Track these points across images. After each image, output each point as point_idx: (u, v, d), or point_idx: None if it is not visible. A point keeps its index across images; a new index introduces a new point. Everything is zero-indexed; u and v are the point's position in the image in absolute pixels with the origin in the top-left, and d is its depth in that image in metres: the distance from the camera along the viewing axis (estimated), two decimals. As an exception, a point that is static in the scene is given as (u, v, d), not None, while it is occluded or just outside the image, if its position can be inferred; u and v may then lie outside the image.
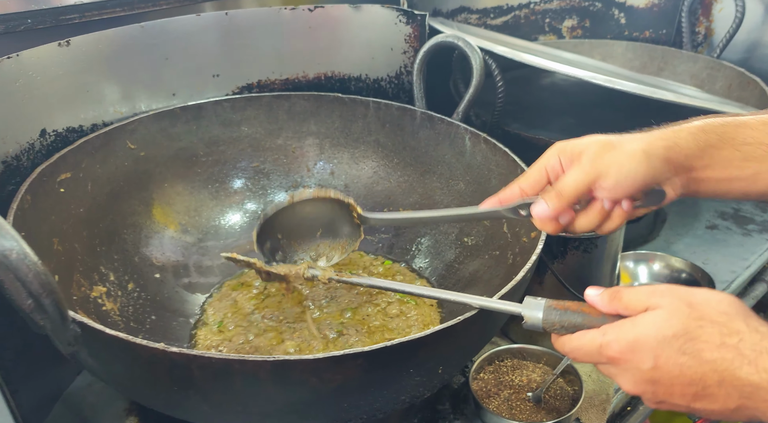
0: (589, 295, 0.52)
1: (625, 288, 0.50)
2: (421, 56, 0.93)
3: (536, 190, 0.61)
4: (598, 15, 1.36)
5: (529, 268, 0.61)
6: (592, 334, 0.49)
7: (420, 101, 0.96)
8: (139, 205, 0.86)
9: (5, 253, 0.42)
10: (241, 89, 0.95)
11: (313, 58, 0.97)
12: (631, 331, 0.47)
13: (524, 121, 1.11)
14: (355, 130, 0.99)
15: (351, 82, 1.01)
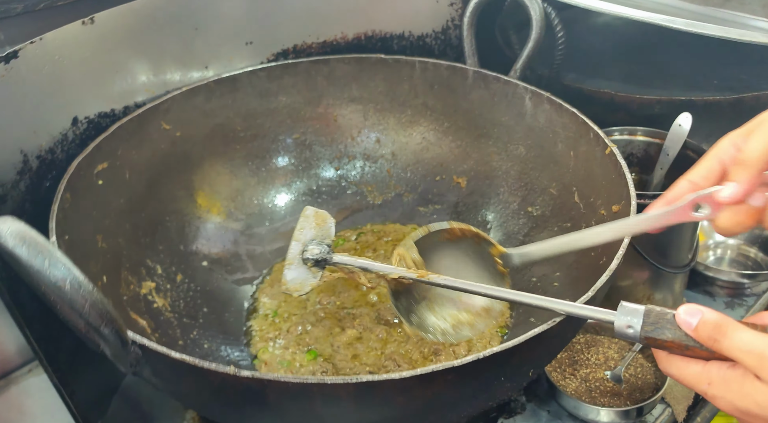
0: (683, 322, 0.42)
1: (732, 324, 0.41)
2: (472, 8, 0.84)
3: (711, 183, 0.49)
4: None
5: (614, 270, 0.54)
6: (695, 373, 0.42)
7: (471, 58, 0.87)
8: (180, 190, 0.81)
9: (58, 284, 0.38)
10: (277, 56, 0.88)
11: (351, 16, 0.89)
12: (742, 400, 0.40)
13: (581, 70, 1.01)
14: (400, 94, 0.91)
15: (393, 41, 0.93)
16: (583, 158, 0.74)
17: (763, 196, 0.46)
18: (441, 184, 0.91)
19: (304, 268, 0.61)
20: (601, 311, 0.46)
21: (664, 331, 0.43)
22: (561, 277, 0.72)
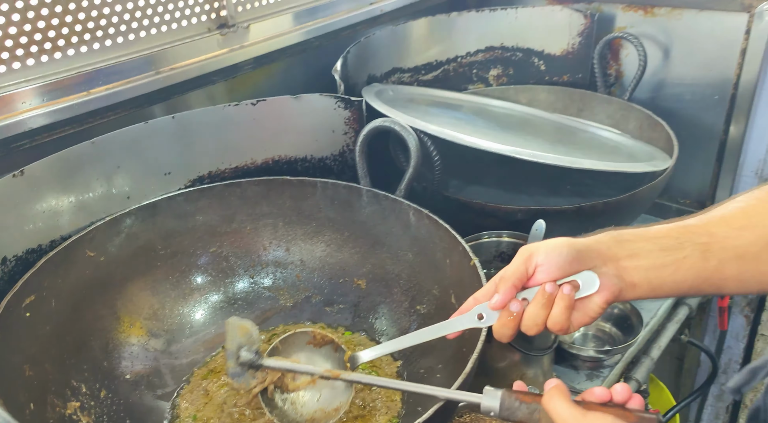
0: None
1: (558, 397, 0.56)
2: (361, 139, 0.99)
3: (489, 297, 0.65)
4: (519, 63, 1.47)
5: (475, 359, 0.68)
6: None
7: (364, 179, 1.02)
8: (103, 310, 0.89)
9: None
10: (193, 182, 0.99)
11: (260, 145, 1.02)
12: None
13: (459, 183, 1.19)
14: (305, 208, 1.04)
15: (298, 163, 1.07)
16: (456, 266, 0.89)
17: (519, 303, 0.63)
18: (344, 286, 1.04)
19: (241, 370, 0.71)
20: (471, 395, 0.60)
21: (516, 411, 0.58)
22: (442, 368, 0.85)
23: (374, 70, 1.28)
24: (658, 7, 1.29)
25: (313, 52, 1.18)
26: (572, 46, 1.42)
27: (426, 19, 1.35)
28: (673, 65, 1.33)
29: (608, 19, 1.38)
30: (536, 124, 1.35)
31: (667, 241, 0.62)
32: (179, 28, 0.96)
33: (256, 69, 1.09)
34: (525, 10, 1.41)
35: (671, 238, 0.62)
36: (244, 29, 1.03)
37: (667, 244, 0.62)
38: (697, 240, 0.62)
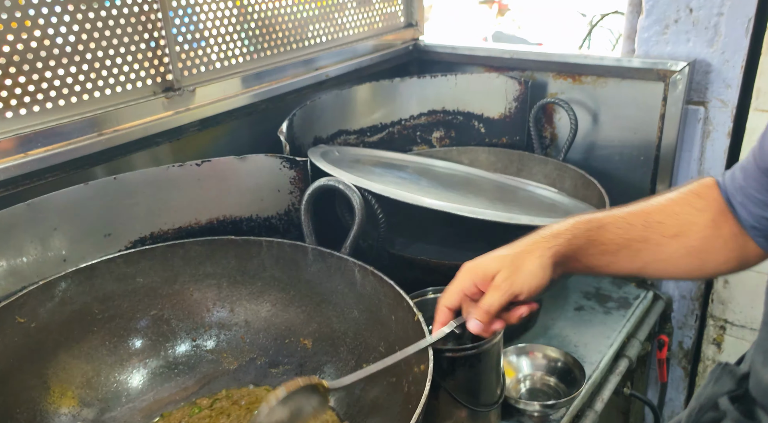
0: None
1: None
2: (306, 198, 1.01)
3: (458, 306, 0.78)
4: (461, 126, 1.54)
5: (419, 414, 0.68)
6: None
7: (310, 237, 1.03)
8: (32, 379, 0.85)
9: None
10: (134, 243, 0.98)
11: (204, 206, 1.02)
12: None
13: (404, 240, 1.22)
14: (250, 268, 1.04)
15: (243, 223, 1.07)
16: (401, 322, 0.90)
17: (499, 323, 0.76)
18: (289, 346, 1.02)
19: None
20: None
21: None
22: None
23: (320, 132, 1.32)
24: (584, 76, 1.39)
25: (260, 115, 1.21)
26: (509, 111, 1.51)
27: (370, 84, 1.41)
28: (602, 128, 1.43)
29: (541, 85, 1.47)
30: (478, 183, 1.41)
31: (609, 247, 0.77)
32: (124, 91, 0.97)
33: (201, 131, 1.10)
34: (464, 76, 1.49)
35: (613, 245, 0.77)
36: (189, 92, 1.05)
37: (608, 249, 0.77)
38: (633, 246, 0.76)
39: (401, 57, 1.56)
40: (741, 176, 0.76)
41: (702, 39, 1.22)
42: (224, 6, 1.10)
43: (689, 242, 0.76)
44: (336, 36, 1.39)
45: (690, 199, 0.78)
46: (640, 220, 0.77)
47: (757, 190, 0.73)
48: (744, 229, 0.76)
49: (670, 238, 0.76)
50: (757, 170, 0.73)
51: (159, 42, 1.00)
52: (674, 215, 0.77)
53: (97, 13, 0.92)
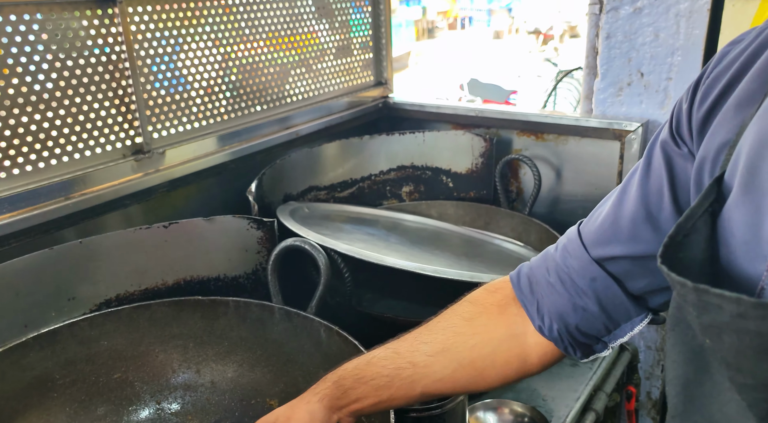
0: None
1: None
2: (273, 259, 1.03)
3: None
4: (429, 181, 1.58)
5: None
6: None
7: (276, 297, 1.04)
8: (-11, 449, 0.83)
9: None
10: (99, 306, 0.98)
11: (171, 267, 1.03)
12: None
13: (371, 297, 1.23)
14: (217, 328, 1.04)
15: (210, 283, 1.08)
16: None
17: None
18: (255, 407, 1.02)
19: None
20: None
21: None
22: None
23: (290, 189, 1.34)
24: (546, 134, 1.45)
25: (230, 174, 1.23)
26: (476, 166, 1.55)
27: (340, 142, 1.45)
28: (565, 183, 1.48)
29: (506, 142, 1.53)
30: (446, 237, 1.44)
31: (380, 381, 0.74)
32: (93, 155, 0.99)
33: (171, 191, 1.12)
34: (431, 133, 1.54)
35: (383, 378, 0.74)
36: (159, 154, 1.08)
37: (381, 383, 0.74)
38: (404, 374, 0.73)
39: (371, 114, 1.61)
40: (559, 257, 0.69)
41: (653, 101, 1.29)
42: (195, 71, 1.14)
43: (458, 355, 0.71)
44: (309, 95, 1.44)
45: (460, 309, 0.74)
46: (407, 345, 0.74)
47: (577, 271, 0.66)
48: (539, 327, 0.70)
49: (435, 355, 0.72)
50: (582, 251, 0.66)
51: (130, 106, 1.03)
52: (441, 331, 0.73)
53: (68, 81, 0.95)
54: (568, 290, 0.67)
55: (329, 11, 1.43)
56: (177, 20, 1.09)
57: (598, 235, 0.66)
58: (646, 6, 1.23)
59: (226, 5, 1.17)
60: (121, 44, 1.00)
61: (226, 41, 1.18)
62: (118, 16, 0.99)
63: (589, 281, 0.66)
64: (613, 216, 0.64)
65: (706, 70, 0.57)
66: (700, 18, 1.18)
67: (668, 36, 1.23)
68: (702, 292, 0.42)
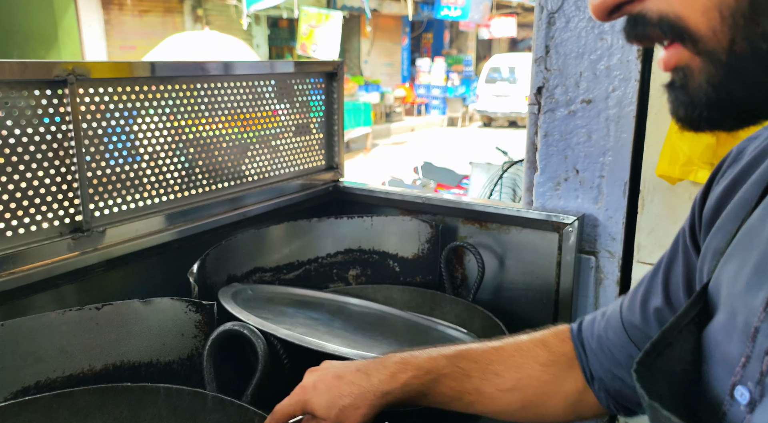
0: None
1: None
2: (210, 343, 1.00)
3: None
4: (376, 264, 1.59)
5: None
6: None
7: (211, 384, 1.00)
8: None
9: None
10: (16, 394, 0.92)
11: (100, 351, 0.98)
12: None
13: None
14: (144, 418, 0.98)
15: (142, 369, 1.03)
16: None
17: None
18: None
19: None
20: None
21: None
22: None
23: (235, 270, 1.33)
24: (490, 223, 1.50)
25: (173, 254, 1.22)
26: (422, 251, 1.58)
27: (288, 224, 1.46)
28: (508, 271, 1.51)
29: (451, 229, 1.57)
30: (391, 322, 1.43)
31: (442, 399, 0.77)
32: (27, 232, 0.96)
33: (108, 271, 1.09)
34: (379, 218, 1.57)
35: (445, 396, 0.76)
36: (99, 233, 1.06)
37: (441, 400, 0.77)
38: (466, 399, 0.75)
39: (321, 197, 1.64)
40: (603, 326, 0.74)
41: (588, 196, 1.36)
42: (144, 151, 1.15)
43: (525, 396, 0.75)
44: (260, 177, 1.45)
45: (536, 351, 0.77)
46: (478, 371, 0.76)
47: (615, 345, 0.71)
48: (587, 381, 0.75)
49: (504, 391, 0.75)
50: (619, 325, 0.72)
51: (72, 185, 1.02)
52: (515, 368, 0.76)
53: (7, 158, 0.94)
54: (608, 360, 0.72)
55: (287, 98, 1.49)
56: (129, 102, 1.11)
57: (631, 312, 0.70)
58: (579, 109, 1.33)
59: (186, 88, 1.20)
60: (68, 123, 1.00)
61: (181, 120, 1.20)
62: (68, 96, 1.00)
63: (626, 357, 0.70)
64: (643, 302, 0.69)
65: (722, 164, 0.59)
66: (627, 123, 1.27)
67: (600, 138, 1.32)
68: (655, 410, 0.43)
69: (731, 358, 0.46)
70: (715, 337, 0.49)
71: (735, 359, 0.45)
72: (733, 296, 0.48)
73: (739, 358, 0.45)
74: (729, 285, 0.49)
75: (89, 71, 1.01)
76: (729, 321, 0.47)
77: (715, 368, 0.48)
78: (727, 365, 0.46)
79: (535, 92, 1.38)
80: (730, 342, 0.46)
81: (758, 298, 0.45)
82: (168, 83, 1.16)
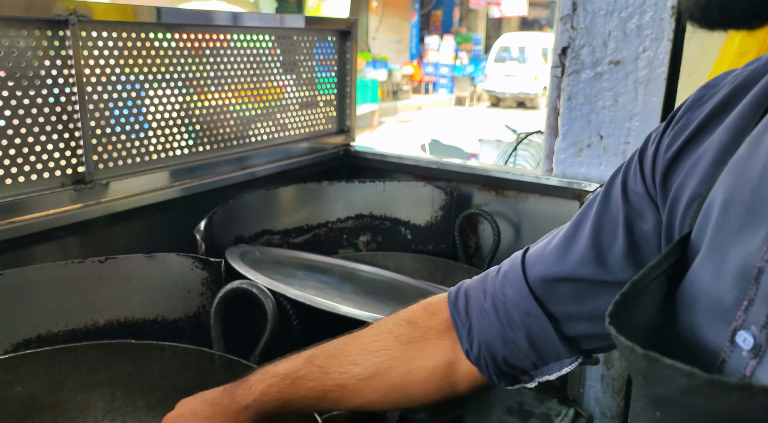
0: None
1: None
2: (217, 301, 0.96)
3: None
4: (388, 231, 1.54)
5: None
6: None
7: (218, 343, 0.97)
8: None
9: None
10: (17, 346, 0.88)
11: (104, 306, 0.95)
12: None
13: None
14: (150, 376, 0.95)
15: (147, 326, 1.00)
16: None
17: None
18: (185, 468, 0.92)
19: None
20: None
21: None
22: None
23: (242, 231, 1.29)
24: (507, 190, 1.45)
25: (179, 212, 1.17)
26: (435, 219, 1.53)
27: (298, 186, 1.41)
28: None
29: (466, 196, 1.52)
30: (401, 290, 1.39)
31: (306, 402, 0.73)
32: (27, 181, 0.92)
33: (112, 226, 1.05)
34: (392, 183, 1.52)
35: (310, 399, 0.72)
36: (102, 186, 1.01)
37: (307, 403, 0.73)
38: (331, 396, 0.71)
39: (332, 161, 1.59)
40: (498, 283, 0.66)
41: (612, 163, 1.31)
42: (150, 102, 1.10)
43: (389, 380, 0.69)
44: (268, 137, 1.40)
45: (398, 330, 0.71)
46: (337, 365, 0.71)
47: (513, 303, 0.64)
48: (466, 349, 0.68)
49: (366, 380, 0.69)
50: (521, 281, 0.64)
51: (74, 134, 0.97)
52: (373, 353, 0.70)
53: (6, 101, 0.89)
54: (500, 320, 0.65)
55: (297, 56, 1.43)
56: (134, 49, 1.05)
57: (542, 261, 0.63)
58: (606, 71, 1.27)
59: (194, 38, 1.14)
60: (70, 68, 0.95)
61: (188, 72, 1.15)
62: (69, 39, 0.94)
63: (523, 314, 0.64)
64: (562, 249, 0.62)
65: (676, 113, 0.56)
66: (657, 86, 1.21)
67: (627, 101, 1.26)
68: (652, 361, 0.39)
69: (725, 303, 0.43)
70: (701, 285, 0.46)
71: (731, 304, 0.42)
72: (720, 241, 0.44)
73: (737, 303, 0.42)
74: (714, 230, 0.45)
75: (91, 12, 0.95)
76: (718, 266, 0.44)
77: (705, 316, 0.45)
78: (722, 311, 0.43)
79: (559, 53, 1.32)
80: (722, 287, 0.43)
81: (756, 238, 0.41)
82: (175, 31, 1.10)
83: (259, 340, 0.95)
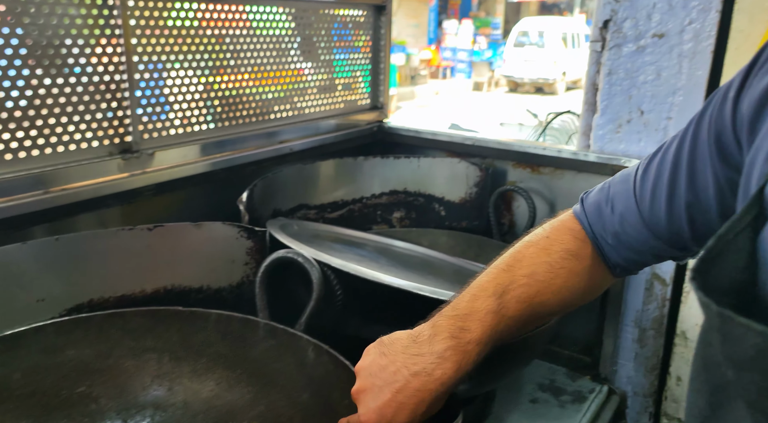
0: None
1: None
2: (263, 270, 0.96)
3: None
4: (421, 208, 1.54)
5: None
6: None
7: (263, 312, 0.98)
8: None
9: None
10: (70, 311, 0.90)
11: (151, 273, 0.96)
12: None
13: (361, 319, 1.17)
14: (195, 343, 0.96)
15: (192, 294, 1.01)
16: (354, 408, 0.83)
17: None
18: (230, 432, 0.94)
19: None
20: None
21: None
22: None
23: (280, 205, 1.29)
24: (542, 167, 1.43)
25: (218, 184, 1.18)
26: (469, 196, 1.53)
27: (334, 161, 1.41)
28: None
29: (501, 173, 1.51)
30: (437, 265, 1.39)
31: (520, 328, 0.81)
32: (77, 149, 0.93)
33: (156, 195, 1.06)
34: (426, 159, 1.51)
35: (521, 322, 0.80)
36: (148, 155, 1.02)
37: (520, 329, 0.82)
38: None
39: (366, 137, 1.59)
40: (617, 221, 0.74)
41: (653, 139, 1.29)
42: (192, 74, 1.10)
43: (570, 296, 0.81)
44: (303, 112, 1.40)
45: (565, 253, 0.80)
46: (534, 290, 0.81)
47: (637, 240, 0.73)
48: (608, 267, 0.79)
49: (555, 294, 0.80)
50: (640, 223, 0.71)
51: (122, 103, 0.98)
52: (558, 276, 0.80)
53: (59, 70, 0.90)
54: (629, 251, 0.76)
55: (334, 31, 1.42)
56: (178, 19, 1.05)
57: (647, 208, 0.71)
58: (649, 45, 1.25)
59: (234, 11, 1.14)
60: (119, 38, 0.96)
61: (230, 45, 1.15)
62: (119, 8, 0.95)
63: (649, 249, 0.74)
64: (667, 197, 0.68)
65: (761, 55, 0.54)
66: (703, 59, 1.19)
67: (670, 75, 1.24)
68: (726, 319, 0.38)
69: None
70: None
71: None
72: None
73: None
74: None
75: (140, -19, 0.95)
76: None
77: None
78: None
79: (600, 26, 1.30)
80: None
81: None
82: (224, 2, 1.10)
83: (304, 309, 0.96)
